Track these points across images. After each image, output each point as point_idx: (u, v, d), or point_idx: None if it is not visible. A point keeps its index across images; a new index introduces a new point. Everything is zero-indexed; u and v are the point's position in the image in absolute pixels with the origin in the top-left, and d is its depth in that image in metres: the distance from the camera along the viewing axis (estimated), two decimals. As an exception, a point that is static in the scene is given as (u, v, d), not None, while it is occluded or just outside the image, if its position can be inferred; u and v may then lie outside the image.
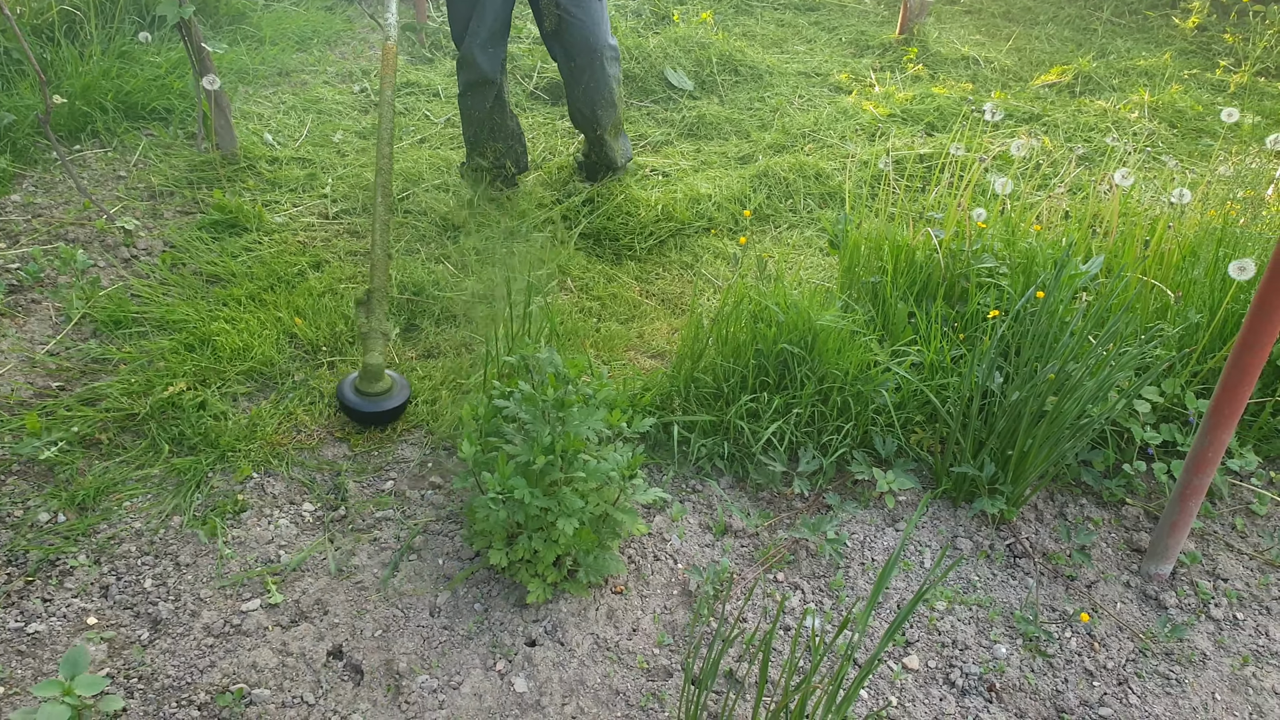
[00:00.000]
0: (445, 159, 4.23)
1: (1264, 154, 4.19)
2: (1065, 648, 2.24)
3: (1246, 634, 2.30)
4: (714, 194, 4.16)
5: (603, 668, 2.10)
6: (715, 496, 2.61)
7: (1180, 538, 2.37)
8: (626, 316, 3.37)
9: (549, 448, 2.08)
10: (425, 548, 2.36)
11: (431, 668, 2.06)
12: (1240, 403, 2.16)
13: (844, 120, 4.96)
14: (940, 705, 2.09)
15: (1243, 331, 2.10)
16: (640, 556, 2.39)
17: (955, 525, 2.56)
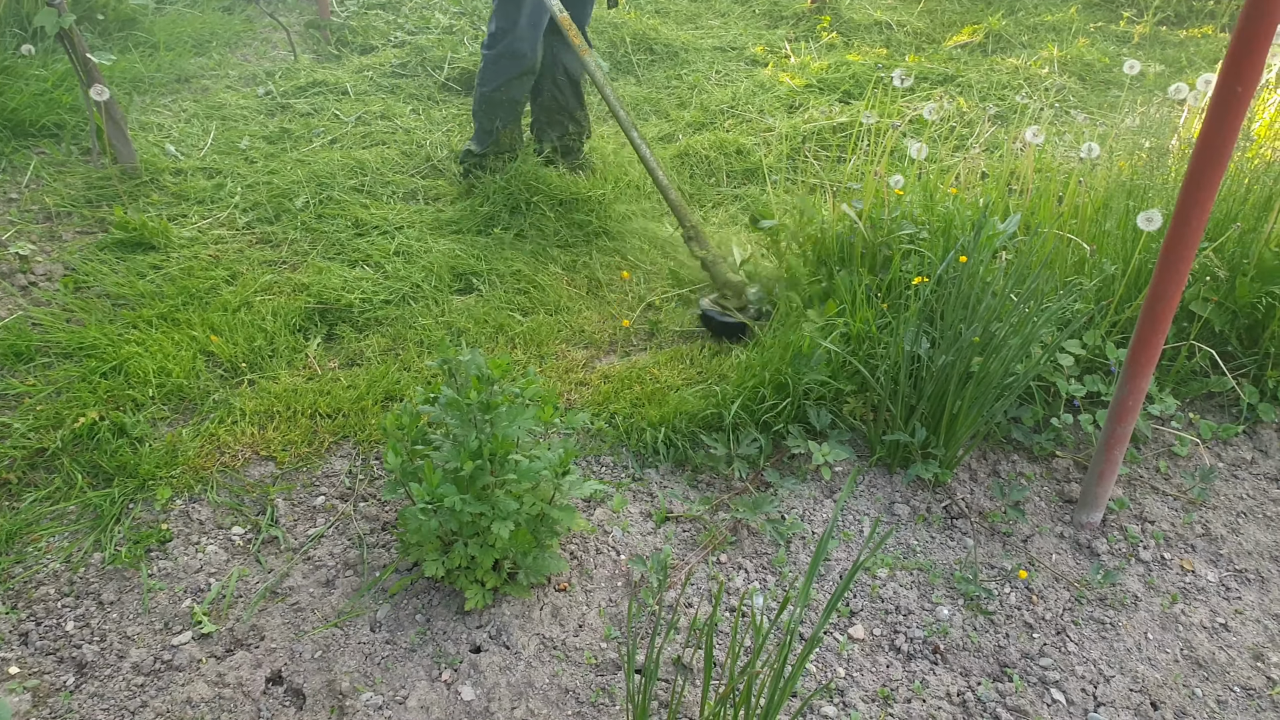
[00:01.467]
0: (359, 160, 4.13)
1: (1167, 103, 4.28)
2: (1005, 603, 2.28)
3: (1173, 573, 2.36)
4: (636, 177, 4.13)
5: (551, 667, 2.08)
6: (656, 484, 2.60)
7: (1108, 485, 2.42)
8: (555, 308, 3.34)
9: (476, 452, 2.04)
10: (362, 562, 2.31)
11: (375, 684, 2.02)
12: (1155, 350, 2.21)
13: (762, 93, 4.96)
14: (887, 672, 2.11)
15: (1152, 282, 2.14)
16: (583, 551, 2.37)
17: (892, 492, 2.58)
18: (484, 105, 3.86)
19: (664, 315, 3.29)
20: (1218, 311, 2.80)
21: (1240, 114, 1.92)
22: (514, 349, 3.09)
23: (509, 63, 3.70)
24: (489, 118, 3.88)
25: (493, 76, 3.77)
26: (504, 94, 3.80)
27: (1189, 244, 2.07)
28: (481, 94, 3.84)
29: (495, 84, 3.77)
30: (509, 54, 3.69)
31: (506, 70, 3.73)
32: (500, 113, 3.85)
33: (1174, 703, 2.06)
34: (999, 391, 2.47)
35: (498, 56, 3.72)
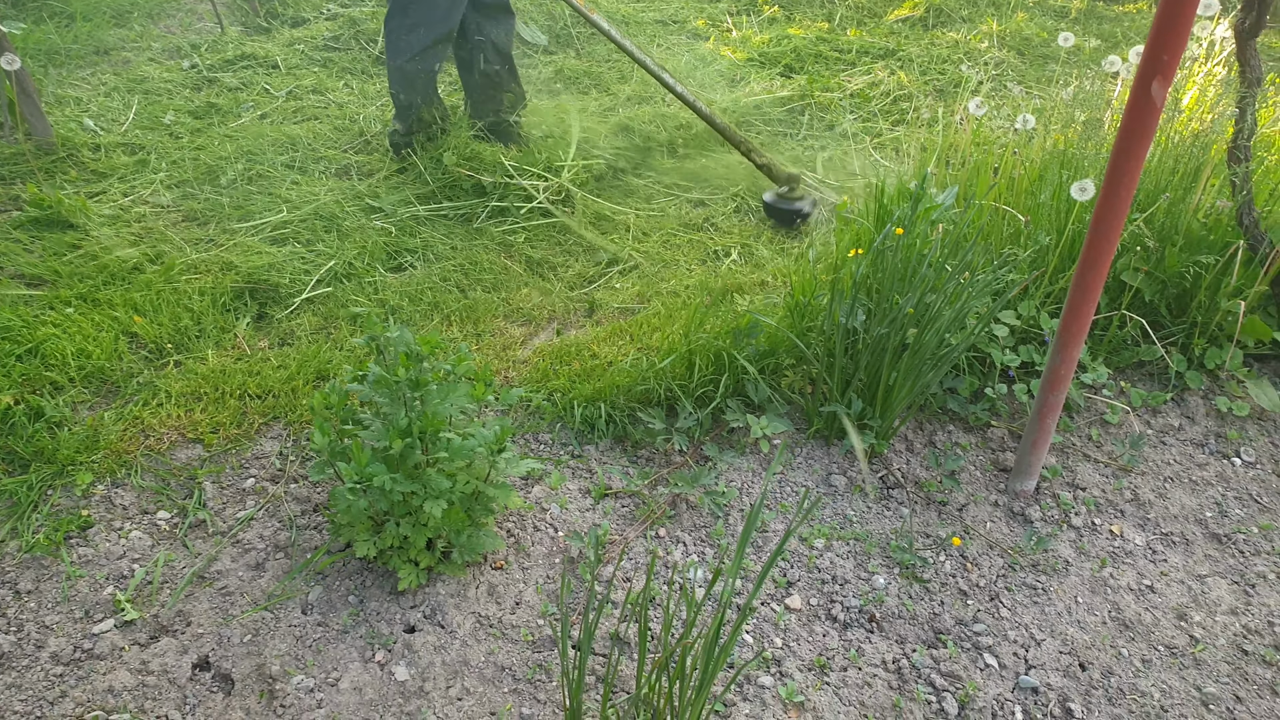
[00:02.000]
0: (290, 135, 4.03)
1: (1101, 76, 4.33)
2: (940, 571, 2.30)
3: (1103, 538, 2.40)
4: (575, 153, 4.08)
5: (487, 645, 2.05)
6: (595, 460, 2.58)
7: (1041, 454, 2.45)
8: (492, 284, 3.29)
9: (406, 430, 2.00)
10: (293, 544, 2.26)
11: (307, 667, 1.98)
12: (1086, 320, 2.23)
13: (703, 67, 4.93)
14: (824, 641, 2.12)
15: (1083, 251, 2.16)
16: (520, 529, 2.35)
17: (829, 463, 2.59)
18: (399, 78, 3.70)
19: (604, 294, 3.26)
20: (1148, 281, 2.85)
21: (1165, 85, 1.93)
22: (450, 326, 3.04)
23: (425, 32, 3.56)
24: (408, 90, 3.73)
25: (406, 46, 3.60)
26: (419, 63, 3.64)
27: (1118, 214, 2.09)
28: (394, 67, 3.68)
29: (408, 54, 3.61)
30: (425, 23, 3.55)
31: (421, 38, 3.58)
32: (417, 85, 3.70)
33: (1101, 663, 2.10)
34: (934, 362, 2.49)
35: (412, 25, 3.57)
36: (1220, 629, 2.20)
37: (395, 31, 3.59)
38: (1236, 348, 2.85)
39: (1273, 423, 2.79)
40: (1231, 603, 2.27)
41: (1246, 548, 2.42)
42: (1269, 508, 2.54)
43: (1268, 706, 2.03)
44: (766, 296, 3.16)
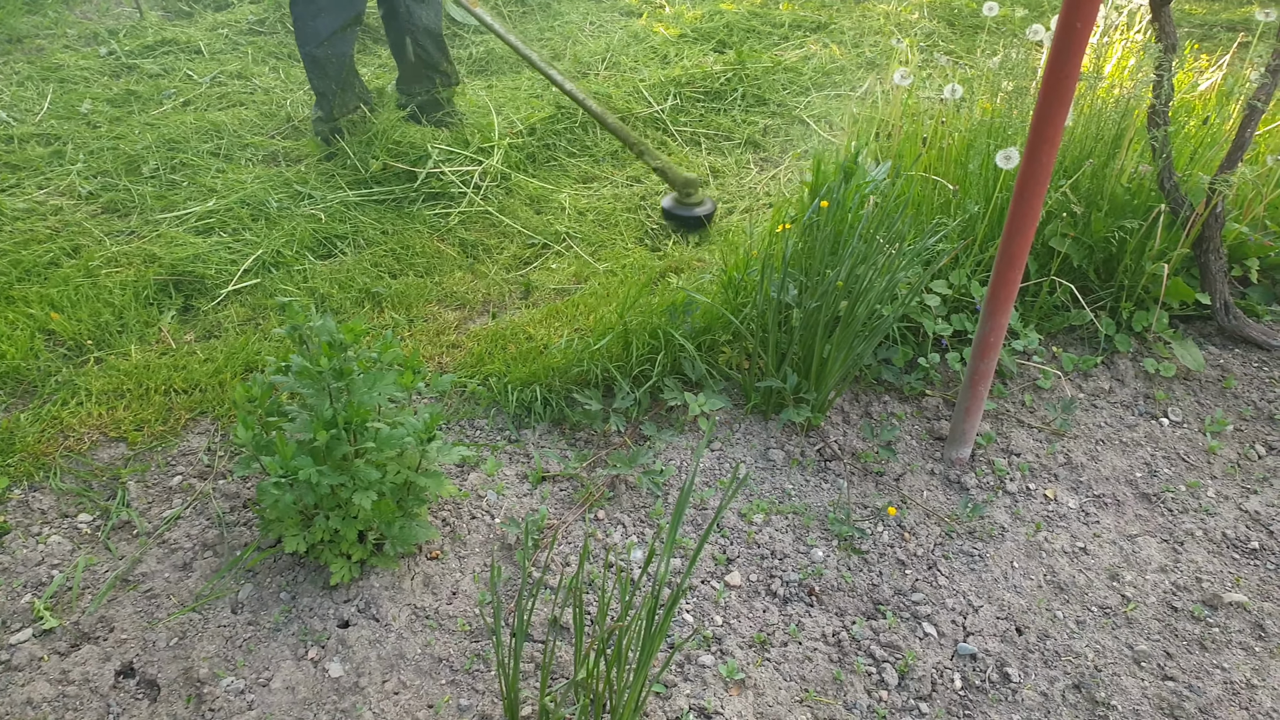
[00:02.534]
0: (214, 122, 3.92)
1: (1027, 45, 4.37)
2: (878, 542, 2.31)
3: (1038, 502, 2.43)
4: (509, 133, 4.02)
5: (423, 637, 2.02)
6: (532, 444, 2.55)
7: (975, 421, 2.47)
8: (425, 268, 3.23)
9: (331, 421, 1.95)
10: (221, 542, 2.20)
11: (237, 668, 1.93)
12: (1013, 287, 2.25)
13: (636, 44, 4.88)
14: (764, 617, 2.12)
15: (1008, 219, 2.17)
16: (455, 517, 2.31)
17: (767, 438, 2.59)
18: (311, 65, 3.62)
19: (539, 275, 3.22)
20: (1075, 247, 2.88)
21: (1080, 51, 1.94)
22: (381, 313, 2.99)
23: (330, 17, 3.48)
24: (320, 78, 3.65)
25: (315, 31, 3.53)
26: (329, 48, 3.56)
27: (1040, 180, 2.10)
28: (305, 54, 3.59)
29: (317, 39, 3.53)
30: (328, 6, 3.46)
31: (328, 24, 3.49)
32: (330, 71, 3.62)
33: (1037, 626, 2.13)
34: (866, 334, 2.49)
35: (317, 11, 3.49)
36: (1151, 587, 2.24)
37: (301, 18, 3.51)
38: (1162, 310, 2.89)
39: (1198, 382, 2.85)
40: (1161, 561, 2.31)
41: (1175, 506, 2.46)
42: (1196, 466, 2.59)
43: (1196, 661, 2.07)
44: (704, 274, 3.14)
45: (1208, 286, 2.94)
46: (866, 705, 1.95)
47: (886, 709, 1.95)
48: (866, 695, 1.97)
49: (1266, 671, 2.05)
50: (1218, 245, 2.88)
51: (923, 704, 1.97)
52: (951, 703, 1.98)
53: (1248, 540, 2.37)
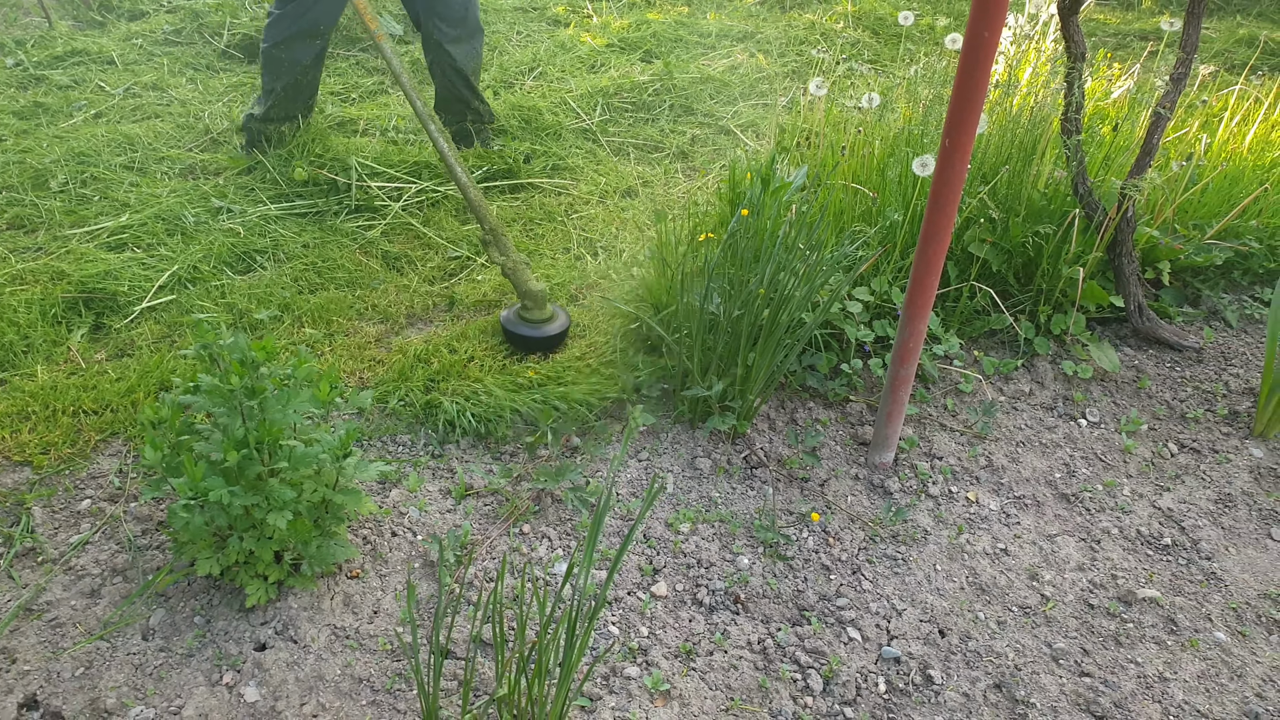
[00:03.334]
0: (127, 135, 3.81)
1: (947, 53, 4.45)
2: (803, 548, 2.32)
3: (960, 505, 2.47)
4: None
5: (343, 658, 1.97)
6: (457, 459, 2.51)
7: (897, 426, 2.50)
8: (347, 282, 3.18)
9: (242, 441, 1.90)
10: (133, 567, 2.13)
11: (147, 696, 1.87)
12: (930, 293, 2.28)
13: (563, 54, 4.87)
14: (690, 626, 2.11)
15: (924, 225, 2.20)
16: (377, 535, 2.27)
17: (694, 447, 2.59)
18: (266, 61, 3.63)
19: (463, 287, 3.19)
20: (994, 252, 2.93)
21: (988, 59, 1.98)
22: (302, 328, 2.93)
23: (290, 21, 3.48)
24: (271, 76, 3.64)
25: (275, 31, 3.54)
26: (284, 51, 3.55)
27: (953, 187, 2.13)
28: (263, 49, 3.62)
29: (275, 39, 3.54)
30: (293, 13, 3.47)
31: (287, 27, 3.50)
32: (281, 72, 3.60)
33: (959, 628, 2.15)
34: (789, 341, 2.51)
35: (282, 16, 3.50)
36: (1069, 585, 2.28)
37: (272, 15, 3.56)
38: (1079, 313, 2.96)
39: (1114, 383, 2.92)
40: (1079, 559, 2.35)
41: (1092, 505, 2.52)
42: (1112, 465, 2.65)
43: (1111, 657, 2.11)
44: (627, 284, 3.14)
45: (1122, 289, 3.02)
46: (792, 712, 1.95)
47: (812, 715, 1.96)
48: (792, 702, 1.98)
49: (1178, 664, 2.10)
50: (1130, 249, 2.96)
51: (847, 709, 1.97)
52: (876, 706, 1.99)
53: (1161, 537, 2.43)
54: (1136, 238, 3.08)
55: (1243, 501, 2.55)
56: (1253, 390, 2.92)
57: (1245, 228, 3.25)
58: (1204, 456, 2.69)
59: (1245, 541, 2.44)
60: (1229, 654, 2.14)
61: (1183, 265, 3.25)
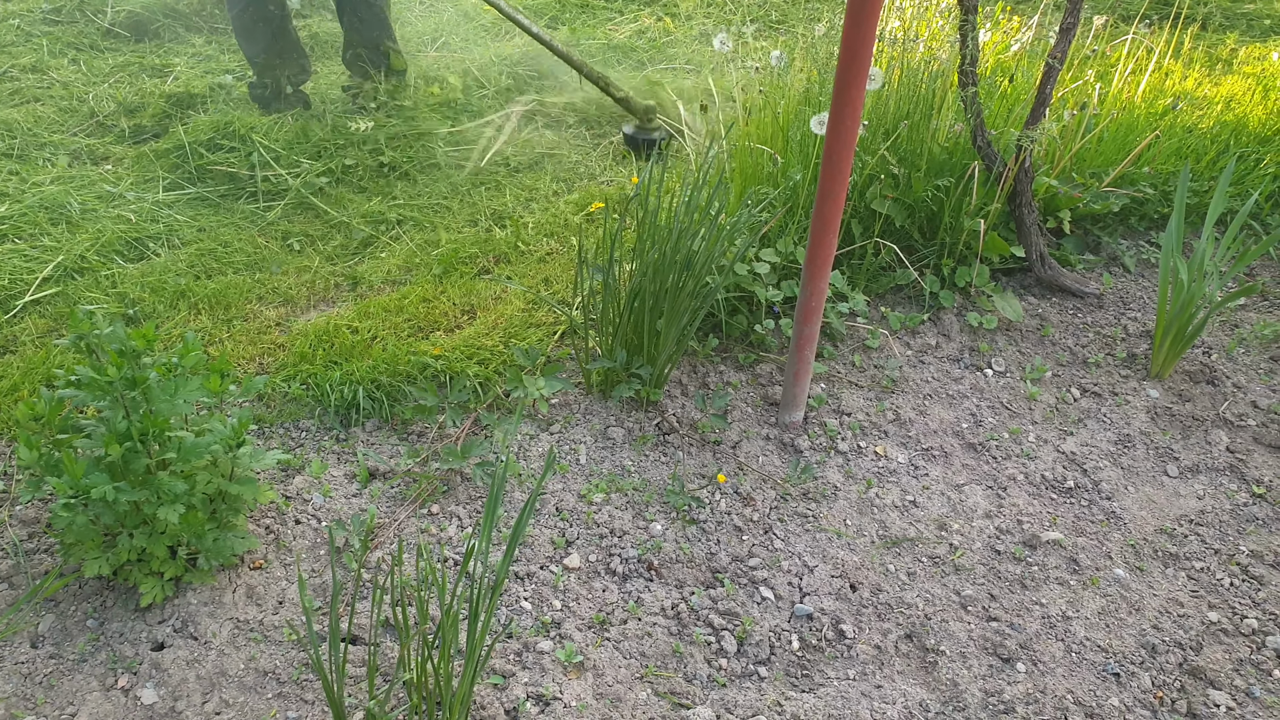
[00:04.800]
0: (4, 120, 3.63)
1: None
2: (716, 511, 2.32)
3: (869, 459, 2.49)
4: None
5: (246, 652, 1.92)
6: (362, 442, 2.46)
7: (804, 384, 2.51)
8: (245, 265, 3.08)
9: (125, 434, 1.83)
10: (18, 573, 2.04)
11: (38, 706, 1.80)
12: (829, 250, 2.28)
13: (466, 23, 4.77)
14: (604, 596, 2.10)
15: (819, 183, 2.19)
16: (280, 523, 2.21)
17: (607, 417, 2.57)
18: (238, 31, 3.62)
19: (367, 266, 3.11)
20: (897, 208, 2.95)
21: (874, 15, 1.97)
22: (199, 315, 2.83)
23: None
24: (247, 43, 3.63)
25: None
26: (250, 15, 3.54)
27: (845, 144, 2.13)
28: (231, 18, 3.60)
29: (239, 4, 3.53)
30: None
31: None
32: (257, 36, 3.59)
33: (870, 581, 2.18)
34: (695, 305, 2.49)
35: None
36: (976, 533, 2.32)
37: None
38: (982, 264, 3.00)
39: (1019, 333, 2.96)
40: (986, 507, 2.40)
41: (999, 453, 2.56)
42: (1018, 413, 2.70)
43: (1018, 600, 2.16)
44: (536, 256, 3.09)
45: (1023, 240, 3.06)
46: (706, 675, 1.96)
47: (726, 677, 1.96)
48: (706, 665, 1.98)
49: (1080, 603, 2.15)
50: (1029, 199, 3.00)
51: (762, 668, 1.99)
52: (790, 664, 2.00)
53: (1064, 480, 2.48)
54: (1036, 188, 3.13)
55: (1141, 441, 2.62)
56: (1149, 333, 2.99)
57: (1139, 175, 3.32)
58: (1104, 400, 2.75)
59: (1143, 480, 2.51)
60: (1128, 589, 2.20)
61: (1083, 213, 3.31)
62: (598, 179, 3.63)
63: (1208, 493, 2.49)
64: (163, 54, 4.34)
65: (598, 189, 3.52)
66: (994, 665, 2.02)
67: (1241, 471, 2.55)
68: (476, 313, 2.84)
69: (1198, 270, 2.66)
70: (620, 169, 3.68)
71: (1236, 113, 3.79)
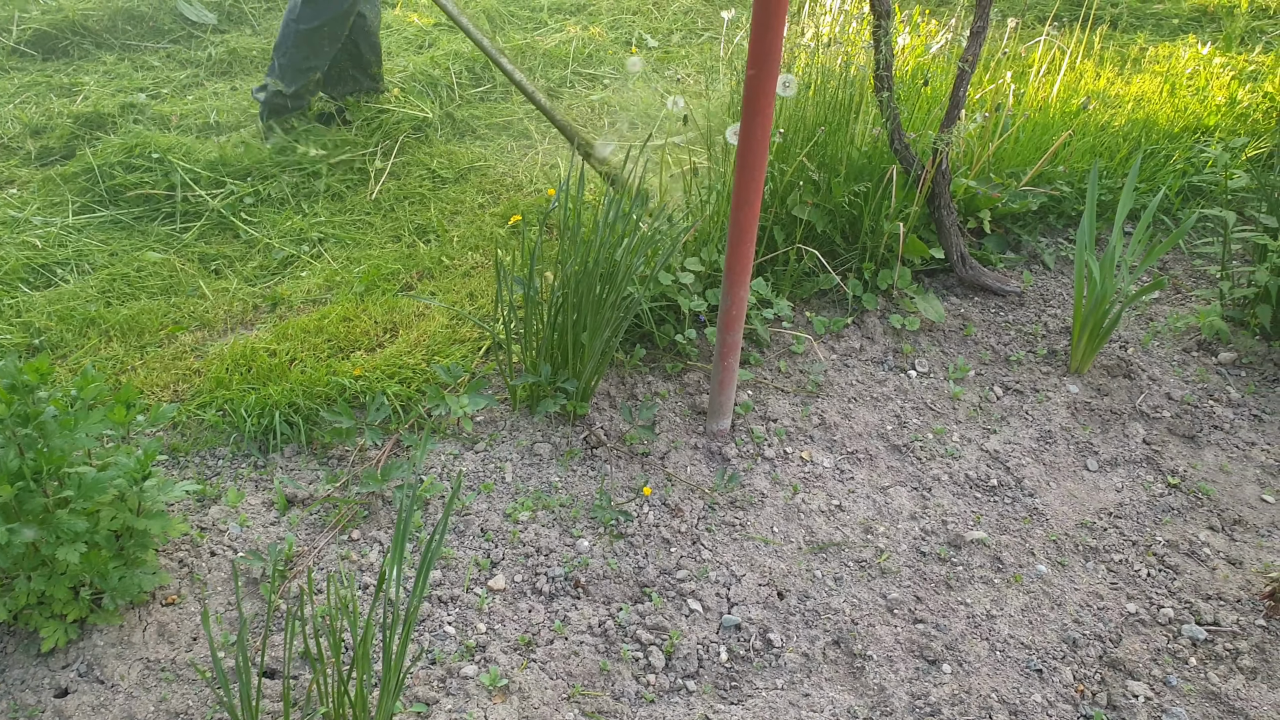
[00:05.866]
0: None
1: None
2: (644, 524, 2.31)
3: (795, 465, 2.49)
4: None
5: (158, 693, 1.86)
6: (281, 468, 2.40)
7: (730, 392, 2.50)
8: (160, 289, 3.00)
9: (18, 473, 1.76)
10: (-85, 620, 1.96)
11: (-65, 761, 1.72)
12: (747, 258, 2.28)
13: (390, 34, 4.70)
14: (530, 617, 2.07)
15: (734, 192, 2.19)
16: (194, 556, 2.15)
17: (534, 433, 2.54)
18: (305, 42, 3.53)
19: (287, 286, 3.05)
20: (817, 213, 2.96)
21: (779, 23, 1.97)
22: (109, 343, 2.75)
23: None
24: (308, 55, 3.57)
25: (315, 12, 3.45)
26: (327, 31, 3.51)
27: (758, 151, 2.13)
28: (300, 31, 3.51)
29: (319, 19, 3.47)
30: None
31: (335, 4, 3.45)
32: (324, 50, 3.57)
33: (798, 588, 2.18)
34: (619, 316, 2.48)
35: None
36: (902, 535, 2.34)
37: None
38: (904, 267, 3.03)
39: (941, 333, 3.00)
40: (911, 509, 2.41)
41: (923, 454, 2.58)
42: (942, 413, 2.72)
43: (943, 601, 2.17)
44: (459, 271, 3.06)
45: (943, 241, 3.10)
46: (635, 692, 1.94)
47: (654, 693, 1.95)
48: (634, 681, 1.96)
49: (1004, 601, 2.18)
50: (948, 200, 3.03)
51: (690, 682, 1.97)
52: (718, 676, 1.99)
53: (988, 479, 2.51)
54: (956, 189, 3.17)
55: (1062, 437, 2.66)
56: (1069, 329, 3.04)
57: (1055, 173, 3.38)
58: (1026, 397, 2.79)
59: (1064, 475, 2.55)
60: (1050, 585, 2.23)
61: (1002, 213, 3.36)
62: (524, 190, 3.60)
63: (1126, 485, 2.53)
64: (71, 73, 4.22)
65: (525, 200, 3.49)
66: (920, 668, 2.03)
67: (1157, 463, 2.60)
68: (399, 330, 2.80)
69: (1110, 267, 2.71)
70: (546, 180, 3.65)
71: (1146, 110, 3.88)
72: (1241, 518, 2.45)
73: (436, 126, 3.91)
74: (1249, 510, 2.48)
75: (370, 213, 3.44)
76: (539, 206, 3.40)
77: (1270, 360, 2.96)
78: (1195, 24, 5.23)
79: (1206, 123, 3.90)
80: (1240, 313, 3.10)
